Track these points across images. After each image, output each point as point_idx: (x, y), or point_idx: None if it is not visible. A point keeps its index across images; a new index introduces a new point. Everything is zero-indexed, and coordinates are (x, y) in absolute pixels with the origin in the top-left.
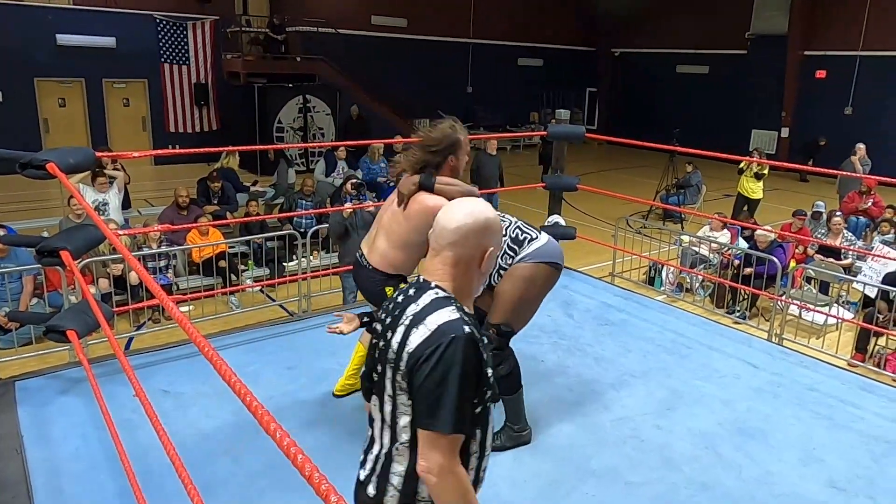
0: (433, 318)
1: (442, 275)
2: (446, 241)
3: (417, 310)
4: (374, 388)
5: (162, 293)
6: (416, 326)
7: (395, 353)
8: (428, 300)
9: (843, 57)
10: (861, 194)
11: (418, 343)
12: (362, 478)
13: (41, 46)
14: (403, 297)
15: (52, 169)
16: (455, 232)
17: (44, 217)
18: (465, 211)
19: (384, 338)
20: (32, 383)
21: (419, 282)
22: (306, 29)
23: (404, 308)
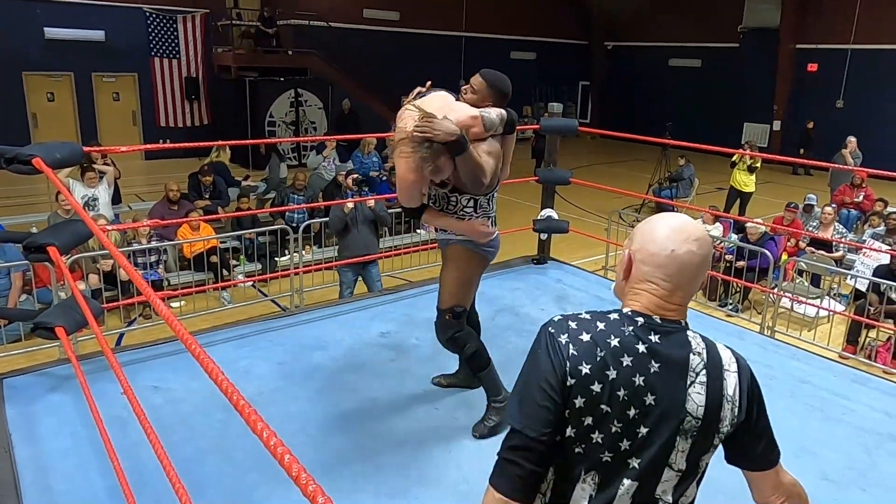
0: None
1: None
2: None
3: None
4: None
5: (149, 289)
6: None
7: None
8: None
9: (835, 50)
10: (853, 187)
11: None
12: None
13: (29, 40)
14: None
15: (39, 164)
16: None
17: (32, 213)
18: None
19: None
20: (21, 381)
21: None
22: (298, 22)
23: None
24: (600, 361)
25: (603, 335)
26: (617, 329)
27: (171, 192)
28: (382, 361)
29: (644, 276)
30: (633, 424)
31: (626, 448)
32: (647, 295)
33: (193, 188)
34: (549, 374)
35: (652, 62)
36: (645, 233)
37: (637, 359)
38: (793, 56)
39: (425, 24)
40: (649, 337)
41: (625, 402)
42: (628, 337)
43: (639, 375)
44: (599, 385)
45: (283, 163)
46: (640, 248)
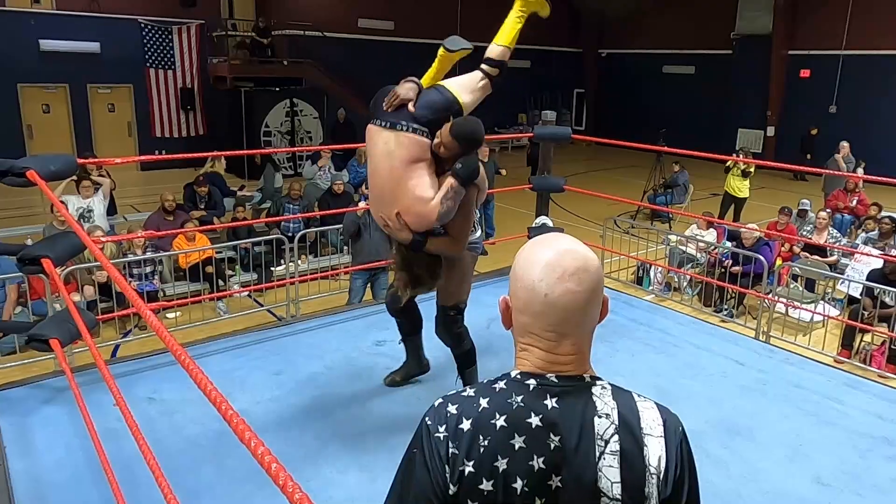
0: None
1: None
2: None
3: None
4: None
5: (139, 301)
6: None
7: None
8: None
9: (827, 56)
10: (846, 192)
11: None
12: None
13: (24, 52)
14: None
15: (33, 176)
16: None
17: (27, 225)
18: None
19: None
20: (15, 393)
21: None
22: (293, 32)
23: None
24: (485, 453)
25: (486, 417)
26: (503, 403)
27: (166, 202)
28: (378, 370)
29: (524, 327)
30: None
31: None
32: (533, 350)
33: (189, 198)
34: (426, 487)
35: (646, 69)
36: (517, 274)
37: (531, 436)
38: (785, 62)
39: (420, 34)
40: (544, 403)
41: (526, 494)
42: (517, 410)
43: (536, 457)
44: (489, 482)
45: (279, 172)
46: (514, 293)
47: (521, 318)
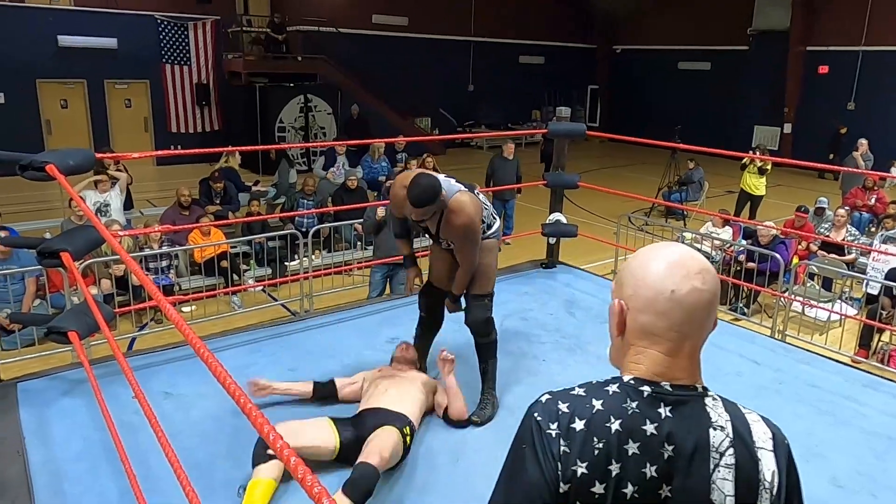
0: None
1: None
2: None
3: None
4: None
5: (159, 294)
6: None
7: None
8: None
9: (846, 52)
10: (865, 190)
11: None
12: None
13: (43, 48)
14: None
15: (52, 171)
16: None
17: (46, 219)
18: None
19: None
20: (34, 384)
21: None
22: (307, 28)
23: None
24: (599, 455)
25: (601, 419)
26: (618, 407)
27: (182, 197)
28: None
29: (643, 329)
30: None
31: None
32: (651, 354)
33: (205, 193)
34: (537, 485)
35: (660, 65)
36: (636, 273)
37: (645, 444)
38: (803, 58)
39: (434, 30)
40: (658, 412)
41: (635, 500)
42: (632, 416)
43: (649, 465)
44: (602, 485)
45: (293, 168)
46: (634, 293)
47: (641, 317)
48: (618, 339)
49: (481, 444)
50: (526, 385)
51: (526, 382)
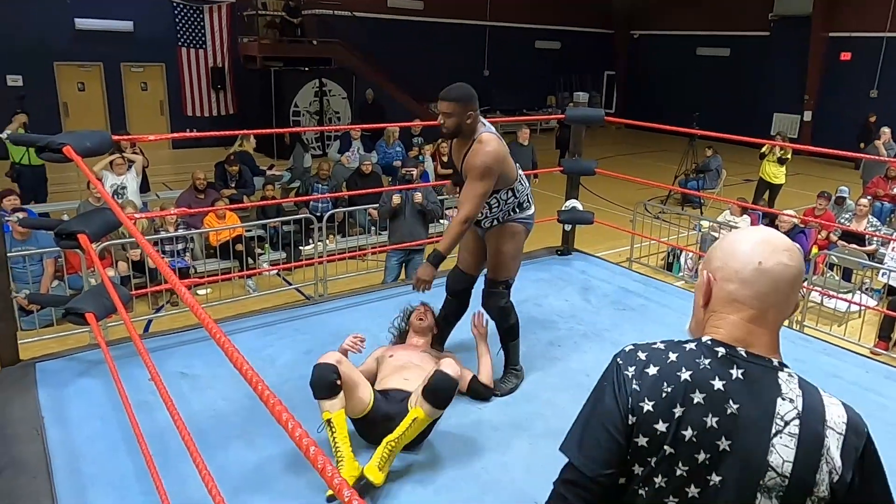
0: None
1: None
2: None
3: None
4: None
5: (174, 277)
6: None
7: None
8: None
9: (869, 38)
10: (887, 179)
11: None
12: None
13: (60, 31)
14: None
15: (69, 152)
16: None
17: (64, 200)
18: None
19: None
20: (52, 365)
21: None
22: (322, 12)
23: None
24: (666, 398)
25: (673, 368)
26: (691, 361)
27: (197, 180)
28: None
29: (728, 296)
30: (703, 470)
31: (695, 496)
32: (732, 319)
33: (220, 177)
34: (611, 413)
35: (679, 51)
36: (725, 248)
37: (711, 397)
38: (825, 44)
39: (449, 14)
40: (730, 372)
41: (692, 444)
42: (703, 371)
43: (711, 416)
44: (664, 424)
45: (308, 153)
46: (723, 265)
47: (727, 286)
48: (701, 309)
49: (497, 429)
50: (541, 371)
51: (541, 369)
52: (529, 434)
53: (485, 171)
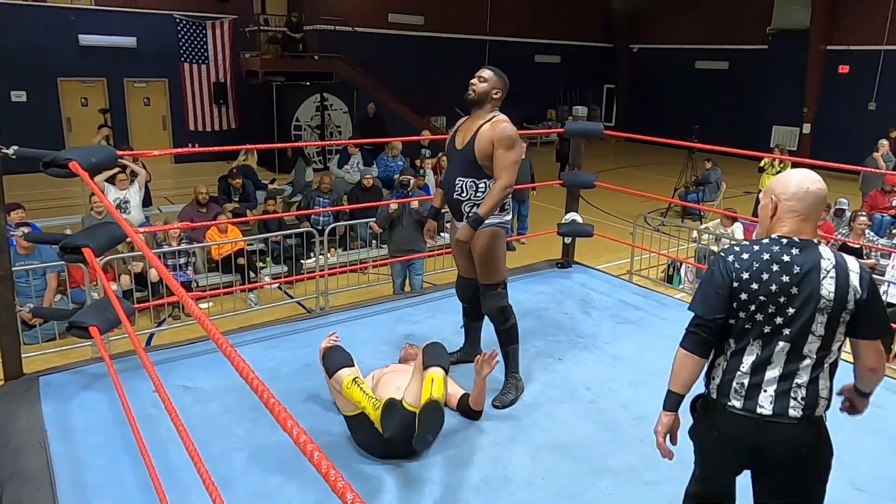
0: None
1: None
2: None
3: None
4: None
5: (182, 290)
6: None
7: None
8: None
9: (867, 51)
10: (884, 192)
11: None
12: (789, 410)
13: (64, 47)
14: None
15: (75, 168)
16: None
17: (66, 215)
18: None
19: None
20: (56, 378)
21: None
22: (323, 27)
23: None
24: (756, 269)
25: (758, 253)
26: (768, 248)
27: (200, 195)
28: None
29: (788, 209)
30: (784, 307)
31: (780, 322)
32: (790, 222)
33: (224, 191)
34: (720, 282)
35: (678, 64)
36: (782, 183)
37: (783, 266)
38: (823, 57)
39: (450, 28)
40: (791, 251)
41: (776, 293)
42: (776, 251)
43: (785, 276)
44: (756, 284)
45: (309, 166)
46: (784, 191)
47: (788, 203)
48: (768, 220)
49: (498, 442)
50: (542, 384)
51: (542, 381)
52: (530, 446)
53: (511, 140)
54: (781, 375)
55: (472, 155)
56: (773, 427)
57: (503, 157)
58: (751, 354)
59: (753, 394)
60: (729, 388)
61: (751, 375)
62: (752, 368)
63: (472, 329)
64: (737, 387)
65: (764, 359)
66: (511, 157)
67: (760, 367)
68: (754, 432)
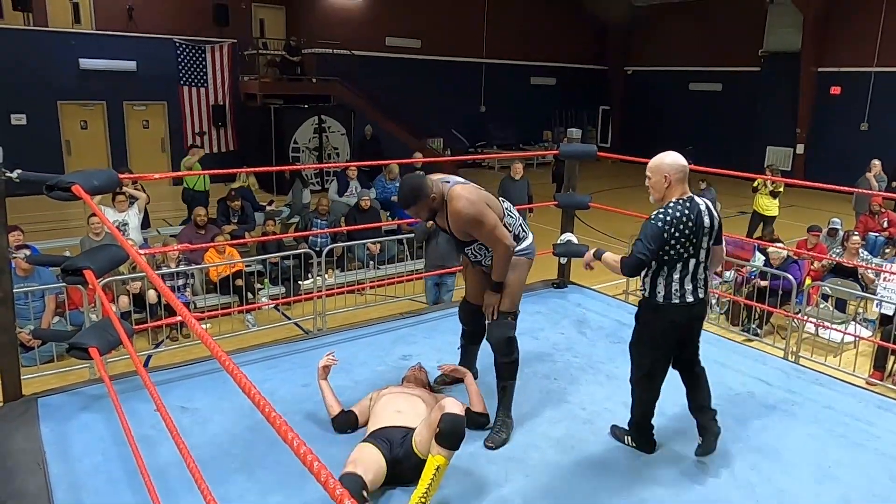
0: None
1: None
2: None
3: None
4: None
5: (185, 310)
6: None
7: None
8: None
9: (858, 73)
10: (872, 215)
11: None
12: (701, 296)
13: (64, 70)
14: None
15: (78, 191)
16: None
17: (65, 237)
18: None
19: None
20: (54, 400)
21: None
22: (321, 51)
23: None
24: (675, 223)
25: (673, 212)
26: (676, 208)
27: (198, 217)
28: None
29: (676, 180)
30: (691, 239)
31: (691, 250)
32: (679, 188)
33: (223, 213)
34: (658, 235)
35: (672, 86)
36: (668, 164)
37: (687, 216)
38: (815, 79)
39: (446, 52)
40: (687, 205)
41: (688, 234)
42: (681, 210)
43: (689, 222)
44: (678, 232)
45: (307, 188)
46: (671, 170)
47: (675, 176)
48: (664, 190)
49: (493, 462)
50: (537, 404)
51: (537, 401)
52: (526, 466)
53: (476, 218)
54: (694, 278)
55: (462, 237)
56: (695, 307)
57: (481, 232)
58: (678, 272)
59: (685, 293)
60: (671, 293)
61: (681, 284)
62: (680, 279)
63: (469, 352)
64: (675, 291)
65: (686, 272)
66: (487, 227)
67: (685, 277)
68: (688, 313)
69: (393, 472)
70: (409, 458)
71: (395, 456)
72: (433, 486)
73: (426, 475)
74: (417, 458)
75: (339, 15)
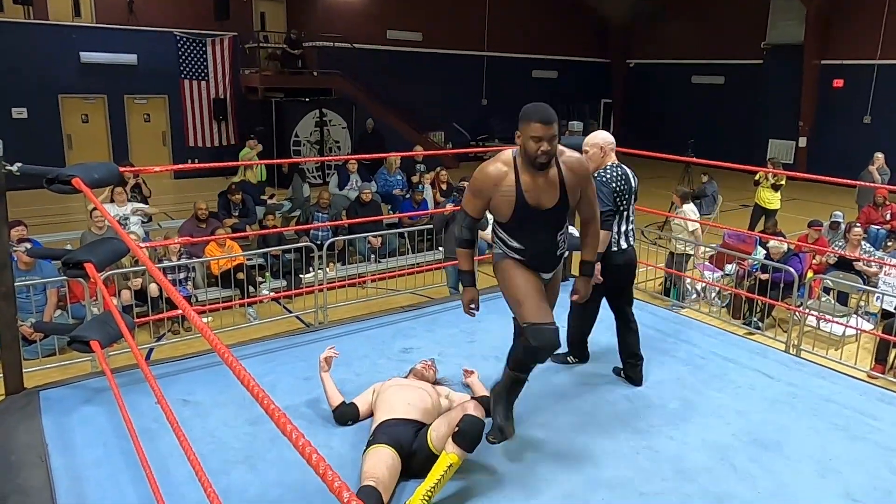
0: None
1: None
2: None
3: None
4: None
5: (185, 304)
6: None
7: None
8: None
9: (861, 66)
10: (876, 207)
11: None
12: (632, 243)
13: (65, 64)
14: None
15: (78, 184)
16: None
17: (67, 230)
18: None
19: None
20: (56, 393)
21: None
22: (322, 44)
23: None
24: (618, 182)
25: (612, 175)
26: (614, 171)
27: (199, 210)
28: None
29: (610, 150)
30: (626, 197)
31: (626, 205)
32: (611, 156)
33: (224, 206)
34: (610, 193)
35: (674, 79)
36: (602, 138)
37: (622, 178)
38: (818, 72)
39: (447, 45)
40: (619, 170)
41: (624, 192)
42: (619, 173)
43: (624, 182)
44: (620, 189)
45: (306, 183)
46: (605, 143)
47: (608, 146)
48: (601, 158)
49: (494, 448)
50: (537, 396)
51: (537, 393)
52: (525, 458)
53: (589, 171)
54: (626, 230)
55: (572, 200)
56: (629, 252)
57: (590, 188)
58: (616, 224)
59: (623, 241)
60: (611, 242)
61: (618, 234)
62: (618, 230)
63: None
64: (614, 240)
65: (621, 223)
66: (593, 184)
67: (620, 228)
68: (626, 257)
69: (405, 464)
70: (422, 451)
71: (409, 449)
72: (441, 482)
73: (437, 470)
74: (430, 451)
75: (340, 8)
